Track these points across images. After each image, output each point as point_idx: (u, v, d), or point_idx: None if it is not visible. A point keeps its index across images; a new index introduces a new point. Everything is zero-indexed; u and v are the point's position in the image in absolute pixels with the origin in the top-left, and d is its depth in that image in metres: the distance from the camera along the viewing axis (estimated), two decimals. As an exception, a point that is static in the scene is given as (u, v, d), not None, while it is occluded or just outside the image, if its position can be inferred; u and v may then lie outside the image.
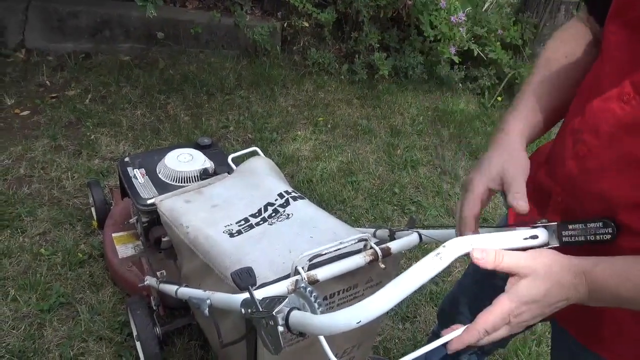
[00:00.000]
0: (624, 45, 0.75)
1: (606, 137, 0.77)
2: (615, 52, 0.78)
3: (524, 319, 0.70)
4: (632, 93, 0.72)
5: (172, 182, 1.71)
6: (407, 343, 1.93)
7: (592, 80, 0.86)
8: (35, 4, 3.31)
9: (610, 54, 0.80)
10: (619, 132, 0.74)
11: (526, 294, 0.68)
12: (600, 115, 0.78)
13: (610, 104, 0.76)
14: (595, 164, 0.79)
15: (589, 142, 0.80)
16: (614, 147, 0.75)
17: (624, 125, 0.74)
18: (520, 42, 3.80)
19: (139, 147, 2.73)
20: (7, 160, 2.50)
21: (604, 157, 0.77)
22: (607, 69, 0.80)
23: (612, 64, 0.79)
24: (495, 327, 0.68)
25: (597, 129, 0.78)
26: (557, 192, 0.87)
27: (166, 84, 3.30)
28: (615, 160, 0.75)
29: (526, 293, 0.68)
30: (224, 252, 1.18)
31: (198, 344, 1.80)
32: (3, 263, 1.97)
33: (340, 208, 2.55)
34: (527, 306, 0.68)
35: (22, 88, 3.06)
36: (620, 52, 0.76)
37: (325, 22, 3.64)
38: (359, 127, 3.24)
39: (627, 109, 0.73)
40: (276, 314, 0.69)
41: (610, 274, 0.69)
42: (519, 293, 0.69)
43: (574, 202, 0.84)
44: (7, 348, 1.70)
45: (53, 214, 2.23)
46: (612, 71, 0.78)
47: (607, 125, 0.76)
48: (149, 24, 3.54)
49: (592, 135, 0.79)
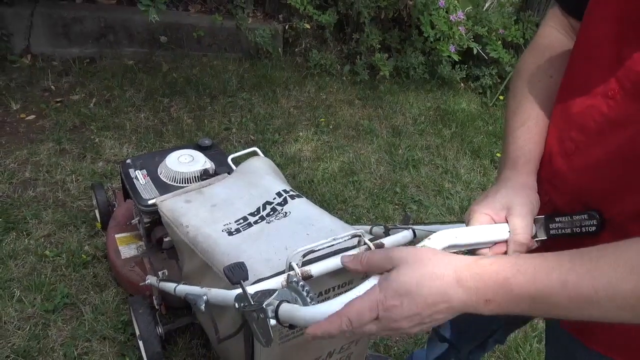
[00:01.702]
0: (603, 41, 0.76)
1: (592, 133, 0.77)
2: (594, 48, 0.78)
3: (395, 316, 0.62)
4: (617, 88, 0.73)
5: (173, 183, 1.73)
6: (408, 341, 1.94)
7: (574, 78, 0.86)
8: (40, 10, 3.35)
9: (590, 50, 0.80)
10: (605, 128, 0.75)
11: (395, 281, 0.62)
12: (585, 112, 0.79)
13: (596, 101, 0.76)
14: (583, 161, 0.80)
15: (576, 139, 0.81)
16: (600, 143, 0.76)
17: (610, 121, 0.74)
18: (521, 40, 3.80)
19: (142, 149, 2.76)
20: (13, 164, 2.54)
21: (591, 154, 0.78)
22: (590, 66, 0.80)
23: (593, 61, 0.79)
24: (361, 318, 0.62)
25: (584, 126, 0.79)
26: (545, 190, 0.87)
27: (169, 87, 3.33)
28: (601, 156, 0.76)
29: (395, 279, 0.63)
30: (222, 250, 1.20)
31: (200, 343, 1.82)
32: (9, 265, 2.01)
33: (341, 208, 2.57)
34: (399, 299, 0.62)
35: (27, 93, 3.10)
36: (600, 48, 0.77)
37: (327, 24, 3.66)
38: (361, 127, 3.26)
39: (612, 104, 0.74)
40: (266, 307, 0.71)
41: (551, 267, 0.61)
42: (388, 280, 0.63)
43: (562, 199, 0.84)
44: (12, 348, 1.72)
45: (57, 216, 2.27)
46: (596, 68, 0.78)
47: (593, 121, 0.77)
48: (152, 28, 3.57)
49: (579, 133, 0.80)
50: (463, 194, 2.79)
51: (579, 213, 0.77)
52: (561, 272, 0.59)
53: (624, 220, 0.74)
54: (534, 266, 0.60)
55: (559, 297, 0.59)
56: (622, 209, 0.74)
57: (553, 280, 0.59)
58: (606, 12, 0.75)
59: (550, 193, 0.86)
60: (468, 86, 3.90)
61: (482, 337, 1.36)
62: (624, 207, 0.74)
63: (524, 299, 0.60)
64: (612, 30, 0.75)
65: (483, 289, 0.61)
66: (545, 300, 0.60)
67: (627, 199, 0.73)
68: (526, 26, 3.83)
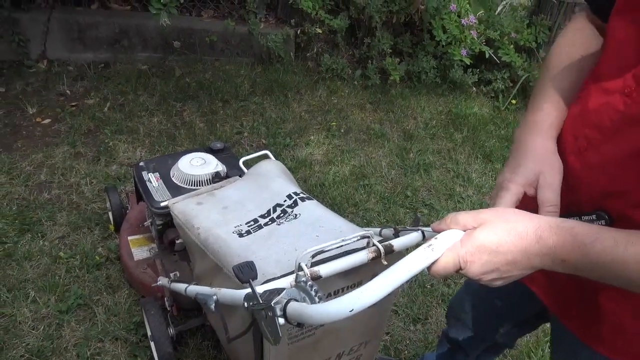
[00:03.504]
0: (629, 41, 0.76)
1: (608, 131, 0.77)
2: (619, 47, 0.79)
3: (474, 271, 0.69)
4: (634, 86, 0.73)
5: (185, 186, 1.75)
6: (419, 344, 1.93)
7: (594, 76, 0.86)
8: (56, 16, 3.41)
9: (614, 49, 0.81)
10: (621, 125, 0.75)
11: (478, 238, 0.68)
12: (601, 110, 0.79)
13: (612, 98, 0.77)
14: (597, 158, 0.80)
15: (590, 137, 0.81)
16: (616, 140, 0.76)
17: (626, 118, 0.74)
18: (534, 44, 3.78)
19: (155, 153, 2.79)
20: (29, 167, 2.58)
21: (606, 151, 0.78)
22: (610, 64, 0.81)
23: (615, 60, 0.80)
24: (447, 271, 0.70)
25: (600, 123, 0.79)
26: None
27: (182, 92, 3.37)
28: (617, 154, 0.76)
29: (478, 237, 0.68)
30: (233, 251, 1.21)
31: (211, 345, 1.83)
32: (24, 266, 2.04)
33: (352, 211, 2.57)
34: (479, 255, 0.68)
35: (43, 97, 3.15)
36: (625, 47, 0.77)
37: (338, 29, 3.67)
38: (372, 131, 3.26)
39: (628, 102, 0.74)
40: (274, 305, 0.71)
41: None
42: (472, 237, 0.69)
43: (575, 196, 0.84)
44: (26, 348, 1.75)
45: (72, 218, 2.30)
46: (615, 66, 0.79)
47: (609, 119, 0.77)
48: (166, 33, 3.62)
49: (594, 130, 0.80)
50: (474, 198, 2.78)
51: (587, 213, 0.77)
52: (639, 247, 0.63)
53: (633, 215, 0.74)
54: (613, 238, 0.64)
55: (632, 269, 0.63)
56: (633, 204, 0.74)
57: (630, 253, 0.63)
58: (633, 14, 0.76)
59: (564, 191, 0.86)
60: (480, 90, 3.89)
61: (491, 338, 1.35)
62: (634, 203, 0.74)
63: (598, 266, 0.64)
64: (637, 31, 0.75)
65: (561, 249, 0.66)
66: (619, 271, 0.64)
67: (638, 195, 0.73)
68: (539, 30, 3.81)
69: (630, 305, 0.81)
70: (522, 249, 0.67)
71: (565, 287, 0.93)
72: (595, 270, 0.65)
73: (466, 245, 0.69)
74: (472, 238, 0.69)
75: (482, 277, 0.70)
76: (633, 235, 0.64)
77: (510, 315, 1.27)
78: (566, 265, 0.67)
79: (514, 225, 0.68)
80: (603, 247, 0.64)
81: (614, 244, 0.63)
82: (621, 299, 0.81)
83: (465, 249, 0.69)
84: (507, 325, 1.31)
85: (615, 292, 0.75)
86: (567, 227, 0.66)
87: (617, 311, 0.84)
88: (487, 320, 1.34)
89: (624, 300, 0.81)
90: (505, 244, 0.67)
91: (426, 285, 2.17)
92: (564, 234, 0.66)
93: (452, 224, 0.73)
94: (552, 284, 0.98)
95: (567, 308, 0.95)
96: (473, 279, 0.71)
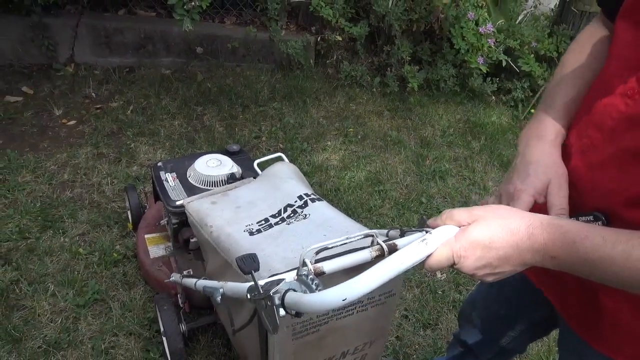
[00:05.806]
0: (633, 43, 0.78)
1: (609, 131, 0.79)
2: (623, 49, 0.80)
3: (468, 265, 0.71)
4: (637, 88, 0.74)
5: (200, 186, 1.79)
6: (428, 349, 1.93)
7: (600, 79, 0.88)
8: (85, 21, 3.52)
9: (619, 51, 0.82)
10: (621, 126, 0.76)
11: (472, 234, 0.71)
12: (604, 110, 0.80)
13: (615, 99, 0.78)
14: (598, 158, 0.81)
15: (593, 137, 0.82)
16: (616, 141, 0.77)
17: (626, 120, 0.76)
18: (555, 54, 3.76)
19: (174, 155, 2.86)
20: (53, 166, 2.67)
21: (606, 151, 0.79)
22: (615, 67, 0.82)
23: (620, 62, 0.81)
24: (440, 265, 0.73)
25: (602, 124, 0.80)
26: None
27: (203, 96, 3.44)
28: (616, 154, 0.77)
29: (472, 232, 0.71)
30: (242, 249, 1.25)
31: (221, 342, 1.87)
32: (44, 261, 2.11)
33: (366, 216, 2.59)
34: (473, 250, 0.70)
35: (69, 100, 3.25)
36: (629, 49, 0.79)
37: (358, 36, 3.71)
38: (389, 138, 3.27)
39: (630, 103, 0.75)
40: (273, 294, 0.74)
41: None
42: (466, 232, 0.71)
43: (577, 195, 0.86)
44: (44, 339, 1.81)
45: (92, 216, 2.37)
46: (620, 68, 0.80)
47: (611, 120, 0.78)
48: (189, 39, 3.70)
49: (596, 130, 0.82)
50: (490, 206, 2.76)
51: (584, 214, 0.78)
52: (627, 245, 0.64)
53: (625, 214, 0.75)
54: (602, 236, 0.66)
55: (619, 267, 0.65)
56: (624, 203, 0.75)
57: (618, 251, 0.64)
58: (637, 17, 0.77)
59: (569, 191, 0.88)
60: (499, 99, 3.87)
61: (501, 341, 1.36)
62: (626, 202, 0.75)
63: (587, 262, 0.66)
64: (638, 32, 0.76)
65: (551, 246, 0.68)
66: (607, 268, 0.66)
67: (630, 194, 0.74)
68: (560, 39, 3.79)
69: (629, 304, 0.82)
70: (513, 245, 0.69)
71: (567, 284, 0.94)
72: (585, 267, 0.67)
73: (460, 241, 0.71)
74: (466, 233, 0.71)
75: (475, 272, 0.72)
76: (622, 234, 0.66)
77: (521, 318, 1.28)
78: (556, 262, 0.68)
79: (507, 222, 0.70)
80: (592, 244, 0.65)
81: (603, 241, 0.65)
82: (620, 298, 0.82)
83: (459, 244, 0.71)
84: (518, 328, 1.31)
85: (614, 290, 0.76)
86: (558, 225, 0.68)
87: (616, 309, 0.84)
88: (497, 322, 1.34)
89: (623, 298, 0.81)
90: (498, 240, 0.69)
91: (437, 291, 2.17)
92: (554, 232, 0.67)
93: (447, 219, 0.75)
94: (556, 281, 0.98)
95: (569, 306, 0.96)
96: (467, 274, 0.73)
